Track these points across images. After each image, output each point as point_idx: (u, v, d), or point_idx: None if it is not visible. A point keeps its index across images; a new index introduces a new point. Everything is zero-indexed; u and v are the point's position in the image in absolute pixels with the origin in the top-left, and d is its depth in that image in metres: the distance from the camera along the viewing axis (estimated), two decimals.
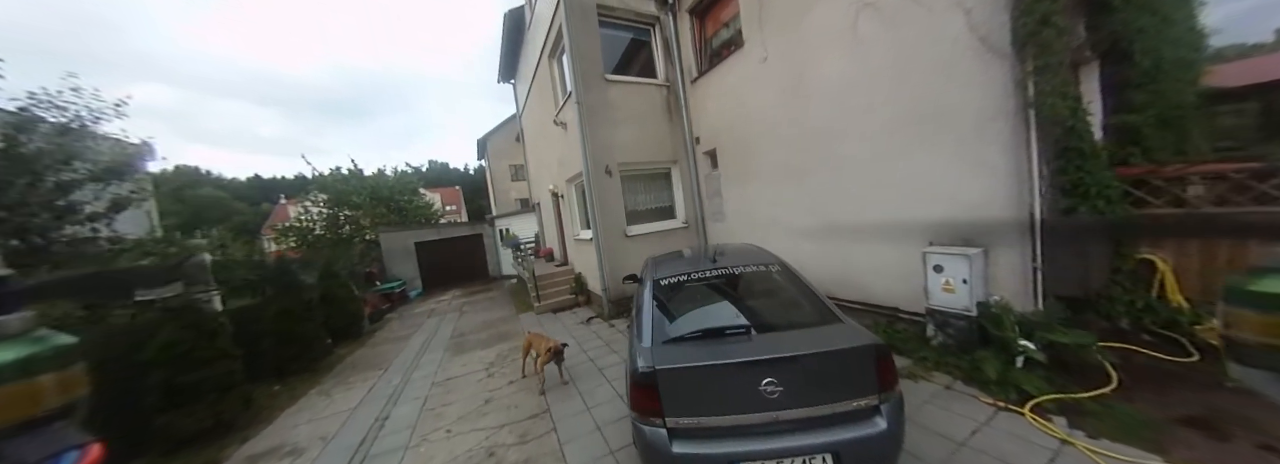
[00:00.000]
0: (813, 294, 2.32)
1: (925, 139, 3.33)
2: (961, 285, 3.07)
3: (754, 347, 1.91)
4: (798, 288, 2.45)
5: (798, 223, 4.75)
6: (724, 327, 2.09)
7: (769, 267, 2.68)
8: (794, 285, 2.48)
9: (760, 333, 2.03)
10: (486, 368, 4.84)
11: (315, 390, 5.02)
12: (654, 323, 2.26)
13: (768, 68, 4.74)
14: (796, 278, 2.52)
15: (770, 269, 2.66)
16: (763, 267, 2.68)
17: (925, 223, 3.45)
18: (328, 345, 6.40)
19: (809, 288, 2.38)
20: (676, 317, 2.37)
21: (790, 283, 2.52)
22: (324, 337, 6.19)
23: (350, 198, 15.03)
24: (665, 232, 6.40)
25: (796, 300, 2.40)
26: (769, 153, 4.96)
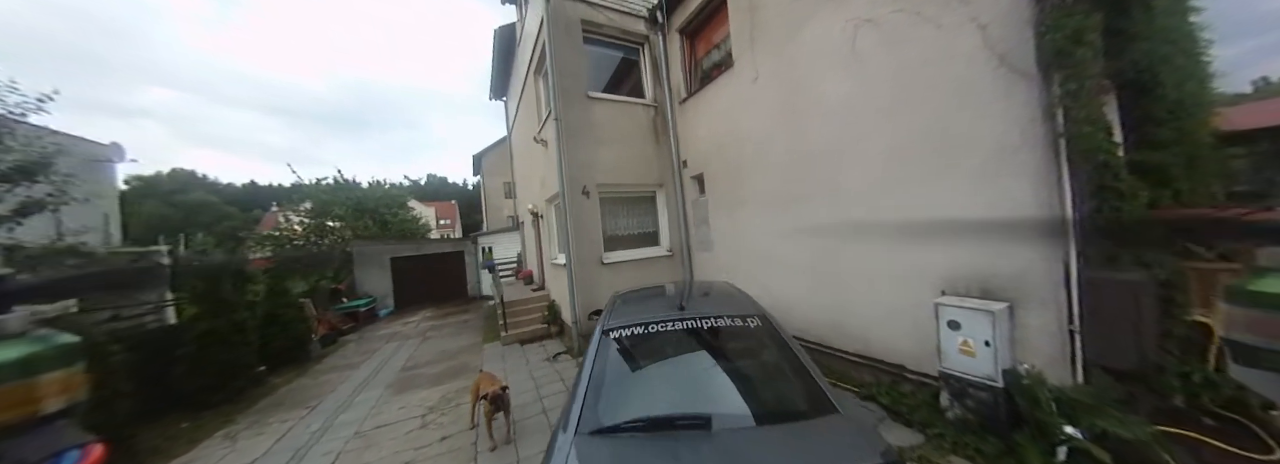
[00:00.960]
0: (799, 363, 1.77)
1: (934, 171, 2.89)
2: (983, 348, 2.52)
3: (713, 452, 1.34)
4: (781, 352, 1.90)
5: (790, 257, 4.24)
6: (676, 417, 1.52)
7: (747, 319, 2.14)
8: (776, 348, 1.93)
9: (725, 426, 1.46)
10: (424, 414, 4.15)
11: (223, 433, 4.28)
12: (589, 395, 1.70)
13: (759, 89, 4.39)
14: (779, 337, 1.98)
15: (748, 322, 2.11)
16: (740, 319, 2.14)
17: (937, 268, 2.94)
18: (259, 374, 5.67)
19: (794, 354, 1.83)
20: (622, 388, 1.81)
21: (772, 344, 1.97)
22: (254, 364, 5.47)
23: (332, 209, 14.55)
24: (646, 260, 5.86)
25: (778, 371, 1.84)
26: (760, 179, 4.53)
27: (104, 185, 9.83)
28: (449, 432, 3.67)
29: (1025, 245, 2.50)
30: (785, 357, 1.85)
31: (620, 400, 1.72)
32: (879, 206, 3.30)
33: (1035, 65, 2.34)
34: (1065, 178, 2.42)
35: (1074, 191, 2.43)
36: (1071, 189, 2.43)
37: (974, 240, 2.73)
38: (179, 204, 43.37)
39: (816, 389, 1.60)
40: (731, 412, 1.57)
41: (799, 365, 1.77)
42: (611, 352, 2.00)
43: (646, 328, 2.13)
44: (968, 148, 2.69)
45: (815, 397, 1.58)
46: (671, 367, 1.94)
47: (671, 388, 1.80)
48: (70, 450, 1.24)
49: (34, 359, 1.20)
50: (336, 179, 15.89)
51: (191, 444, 4.07)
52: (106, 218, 9.52)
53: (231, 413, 4.80)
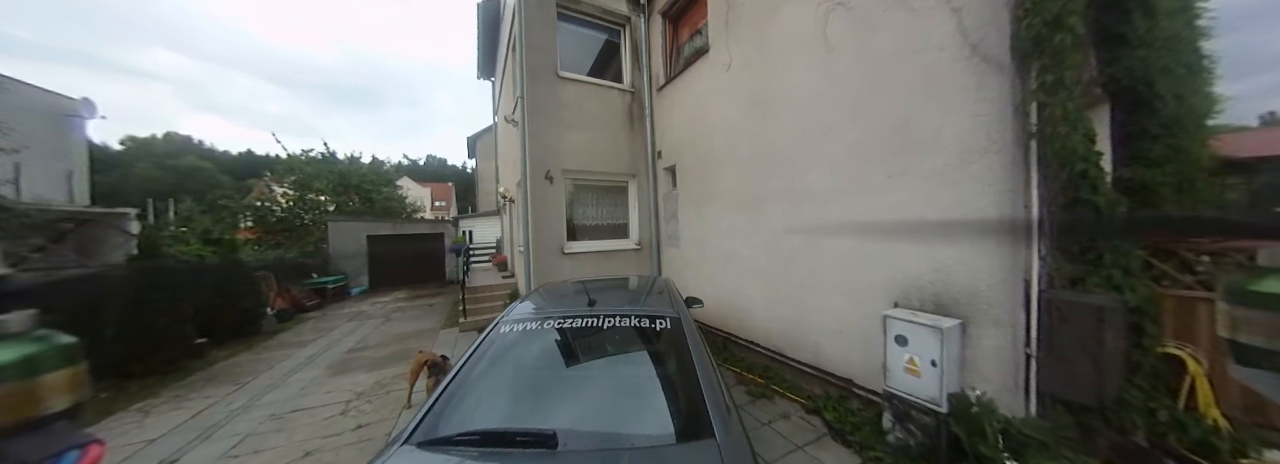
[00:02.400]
0: (695, 378, 1.52)
1: (897, 173, 2.62)
2: (929, 368, 2.28)
3: None
4: (680, 362, 1.64)
5: (752, 260, 3.98)
6: (516, 432, 1.28)
7: (657, 320, 1.88)
8: (678, 357, 1.68)
9: (573, 446, 1.22)
10: (349, 401, 3.92)
11: (139, 406, 4.05)
12: (444, 399, 1.46)
13: (732, 78, 4.09)
14: (686, 345, 1.72)
15: (657, 324, 1.86)
16: (648, 319, 1.89)
17: (892, 278, 2.69)
18: (199, 345, 5.44)
19: (694, 367, 1.57)
20: (488, 392, 1.57)
21: (675, 351, 1.72)
22: (191, 334, 5.24)
23: (314, 182, 14.22)
24: (611, 252, 5.61)
25: (668, 383, 1.59)
26: (727, 175, 4.26)
27: (69, 141, 9.51)
28: (367, 420, 3.45)
29: (984, 258, 2.25)
30: (682, 366, 1.60)
31: (476, 407, 1.47)
32: (837, 209, 3.03)
33: (1010, 54, 2.06)
34: (1033, 185, 2.16)
35: (1042, 200, 2.17)
36: (1039, 198, 2.17)
37: (930, 250, 2.47)
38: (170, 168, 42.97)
39: (699, 407, 1.36)
40: (588, 429, 1.33)
41: (693, 377, 1.52)
42: (495, 348, 1.76)
43: (542, 324, 1.89)
44: (932, 148, 2.42)
45: (695, 418, 1.33)
46: (555, 371, 1.70)
47: (541, 396, 1.55)
48: (70, 451, 1.22)
49: (35, 359, 1.18)
50: (322, 153, 15.53)
51: (101, 415, 3.85)
52: (70, 175, 9.22)
53: (158, 385, 4.58)
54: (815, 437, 2.82)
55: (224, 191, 15.86)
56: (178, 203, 24.39)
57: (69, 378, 1.27)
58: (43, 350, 1.22)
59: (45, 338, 1.27)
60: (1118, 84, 2.65)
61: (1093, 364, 2.20)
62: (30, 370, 1.18)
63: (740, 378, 3.79)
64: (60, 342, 1.29)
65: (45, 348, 1.23)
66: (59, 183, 9.02)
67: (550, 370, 1.69)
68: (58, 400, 1.23)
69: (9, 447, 1.12)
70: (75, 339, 1.32)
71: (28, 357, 1.18)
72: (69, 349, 1.29)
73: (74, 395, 1.28)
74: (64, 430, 1.24)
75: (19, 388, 1.16)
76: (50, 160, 9.04)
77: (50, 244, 6.15)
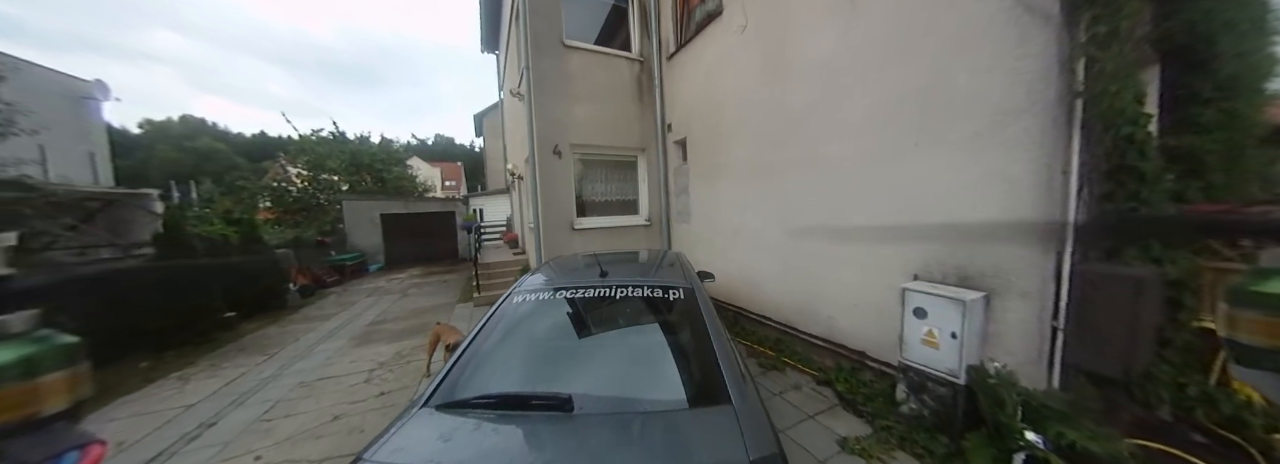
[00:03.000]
0: (710, 346, 1.49)
1: (924, 140, 2.46)
2: (949, 340, 2.23)
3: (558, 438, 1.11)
4: (694, 331, 1.62)
5: (763, 233, 3.90)
6: (531, 396, 1.28)
7: (670, 291, 1.85)
8: (692, 326, 1.65)
9: (587, 410, 1.22)
10: (372, 370, 4.08)
11: (177, 375, 4.29)
12: (460, 365, 1.47)
13: (746, 41, 3.84)
14: (700, 315, 1.69)
15: (670, 294, 1.83)
16: (661, 289, 1.85)
17: (912, 250, 2.59)
18: (228, 319, 5.68)
19: (709, 335, 1.55)
20: (504, 359, 1.58)
21: (690, 321, 1.69)
22: (220, 308, 5.46)
23: (326, 162, 14.33)
24: (623, 228, 5.57)
25: (682, 351, 1.58)
26: (740, 146, 4.09)
27: (88, 123, 9.66)
28: (389, 388, 3.60)
29: (1015, 230, 2.13)
30: (697, 335, 1.58)
31: (492, 374, 1.48)
32: (856, 179, 2.89)
33: (1058, 4, 1.85)
34: (1074, 150, 2.00)
35: (1083, 168, 2.02)
36: (1080, 164, 2.02)
37: (956, 220, 2.35)
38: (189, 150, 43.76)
39: (714, 374, 1.34)
40: (603, 394, 1.33)
41: (708, 345, 1.50)
42: (509, 318, 1.77)
43: (555, 294, 1.88)
44: (963, 111, 2.25)
45: (711, 383, 1.32)
46: (568, 340, 1.69)
47: (556, 364, 1.55)
48: (69, 451, 1.24)
49: (35, 359, 1.19)
50: (332, 132, 15.53)
51: (145, 383, 4.09)
52: (91, 156, 9.44)
53: (194, 355, 4.83)
54: (826, 406, 2.84)
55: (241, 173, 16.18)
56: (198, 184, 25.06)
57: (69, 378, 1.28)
58: (42, 351, 1.22)
59: (45, 338, 1.27)
60: (1171, 41, 2.38)
61: (1124, 338, 2.12)
62: (28, 371, 1.17)
63: (752, 351, 3.81)
64: (61, 342, 1.29)
65: (45, 348, 1.24)
66: (82, 164, 9.25)
67: (564, 339, 1.68)
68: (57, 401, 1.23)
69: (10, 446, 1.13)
70: (77, 339, 1.34)
71: (26, 357, 1.18)
72: (70, 349, 1.30)
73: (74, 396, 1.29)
74: (64, 430, 1.26)
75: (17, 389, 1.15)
76: (71, 142, 9.23)
77: (80, 223, 6.37)
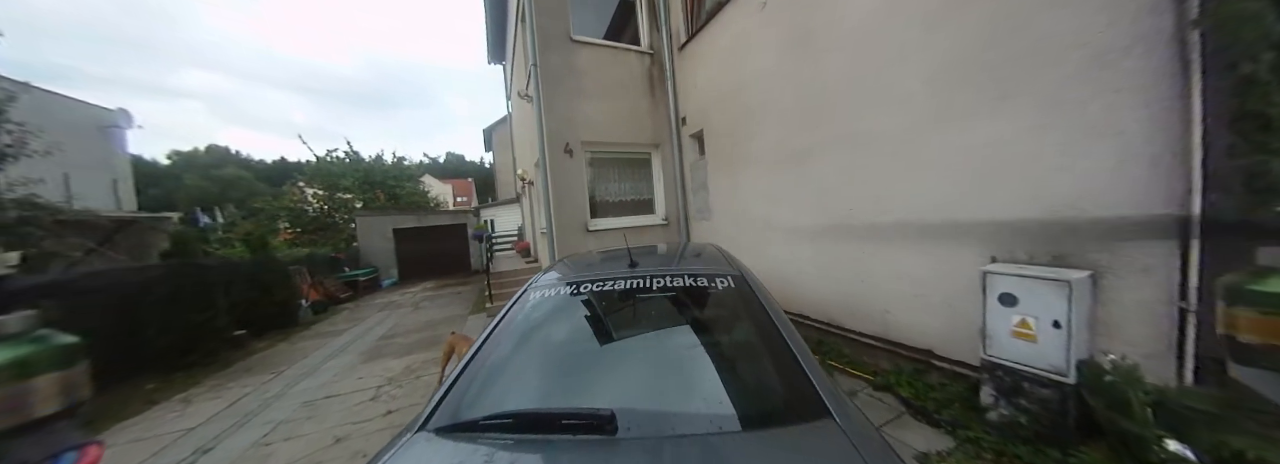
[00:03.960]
0: (784, 345, 1.16)
1: (993, 96, 2.13)
2: (1051, 331, 1.84)
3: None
4: (756, 324, 1.30)
5: (797, 222, 3.56)
6: (561, 414, 0.96)
7: (716, 279, 1.53)
8: (751, 319, 1.33)
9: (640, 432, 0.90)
10: (380, 386, 3.80)
11: (181, 396, 4.09)
12: (465, 377, 1.18)
13: (768, 19, 3.60)
14: (761, 306, 1.37)
15: (716, 284, 1.51)
16: (705, 278, 1.54)
17: (984, 225, 2.23)
18: (238, 337, 5.52)
19: (779, 331, 1.22)
20: (519, 369, 1.28)
21: (746, 312, 1.37)
22: (229, 327, 5.30)
23: (340, 181, 14.53)
24: (638, 229, 5.28)
25: (748, 351, 1.25)
26: (765, 131, 3.80)
27: (112, 151, 9.92)
28: (396, 406, 3.31)
29: (1124, 189, 1.77)
30: (760, 330, 1.25)
31: (508, 387, 1.18)
32: (911, 152, 2.56)
33: None
34: (1196, 91, 1.65)
35: (1206, 112, 1.66)
36: (1202, 109, 1.66)
37: (1044, 186, 1.99)
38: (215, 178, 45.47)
39: (801, 379, 1.01)
40: (653, 409, 1.00)
41: (779, 343, 1.17)
42: (525, 318, 1.47)
43: (578, 288, 1.58)
44: (1046, 61, 1.92)
45: (798, 391, 0.99)
46: (598, 343, 1.38)
47: (585, 373, 1.24)
48: (68, 451, 1.23)
49: (30, 360, 1.17)
50: (346, 152, 15.80)
51: (148, 405, 3.89)
52: (114, 183, 9.65)
53: (201, 375, 4.64)
54: (892, 415, 2.44)
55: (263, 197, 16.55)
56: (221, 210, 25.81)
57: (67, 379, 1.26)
58: (37, 352, 1.20)
59: (43, 338, 1.25)
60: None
61: None
62: (22, 373, 1.15)
63: None
64: (59, 342, 1.27)
65: (41, 349, 1.21)
66: (105, 190, 9.45)
67: (592, 343, 1.37)
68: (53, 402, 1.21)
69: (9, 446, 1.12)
70: (76, 339, 1.30)
71: (20, 358, 1.16)
72: (68, 350, 1.27)
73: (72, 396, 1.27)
74: (63, 431, 1.25)
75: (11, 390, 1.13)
76: (96, 170, 9.47)
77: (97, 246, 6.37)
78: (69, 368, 1.27)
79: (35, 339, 1.23)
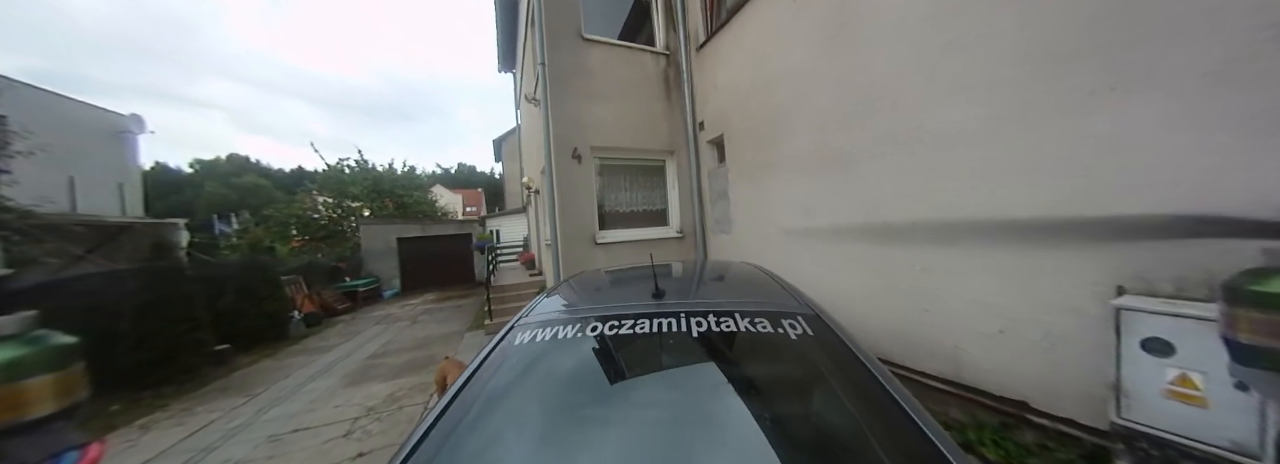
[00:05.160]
0: (907, 419, 0.72)
1: (1117, 80, 1.67)
2: (1233, 394, 1.33)
3: None
4: (862, 392, 0.84)
5: (838, 235, 3.09)
6: None
7: (783, 320, 1.07)
8: (855, 385, 0.87)
9: None
10: (356, 419, 3.35)
11: (141, 422, 3.69)
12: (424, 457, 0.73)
13: (798, 11, 3.22)
14: (859, 362, 0.91)
15: (784, 327, 1.05)
16: (767, 319, 1.08)
17: (1106, 247, 1.73)
18: (219, 352, 5.15)
19: (896, 400, 0.77)
20: (501, 447, 0.84)
21: (845, 375, 0.91)
22: (209, 342, 4.94)
23: (349, 189, 14.49)
24: (650, 241, 4.84)
25: (848, 426, 0.81)
26: (796, 134, 3.38)
27: (121, 155, 9.91)
28: (371, 446, 2.85)
29: None
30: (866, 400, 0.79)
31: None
32: (987, 153, 2.10)
33: None
34: None
35: None
36: None
37: (1200, 192, 1.51)
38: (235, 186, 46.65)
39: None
40: None
41: (899, 417, 0.71)
42: (506, 370, 1.02)
43: (581, 329, 1.13)
44: (1192, 33, 1.46)
45: None
46: (622, 410, 0.92)
47: (588, 455, 0.78)
48: (68, 451, 1.23)
49: (23, 361, 1.16)
50: (356, 161, 15.82)
51: (103, 431, 3.50)
52: (121, 188, 9.58)
53: (173, 396, 4.26)
54: None
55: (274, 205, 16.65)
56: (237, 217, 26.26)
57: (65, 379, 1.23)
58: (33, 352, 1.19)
59: (39, 339, 1.23)
60: None
61: None
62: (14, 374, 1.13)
63: None
64: (56, 342, 1.25)
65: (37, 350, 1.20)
66: (111, 195, 9.39)
67: (601, 408, 0.92)
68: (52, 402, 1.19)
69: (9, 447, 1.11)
70: (74, 340, 1.29)
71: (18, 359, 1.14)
72: (65, 350, 1.26)
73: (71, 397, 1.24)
74: (63, 431, 1.22)
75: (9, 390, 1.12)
76: (104, 174, 9.42)
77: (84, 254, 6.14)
78: (67, 368, 1.26)
79: (33, 339, 1.22)
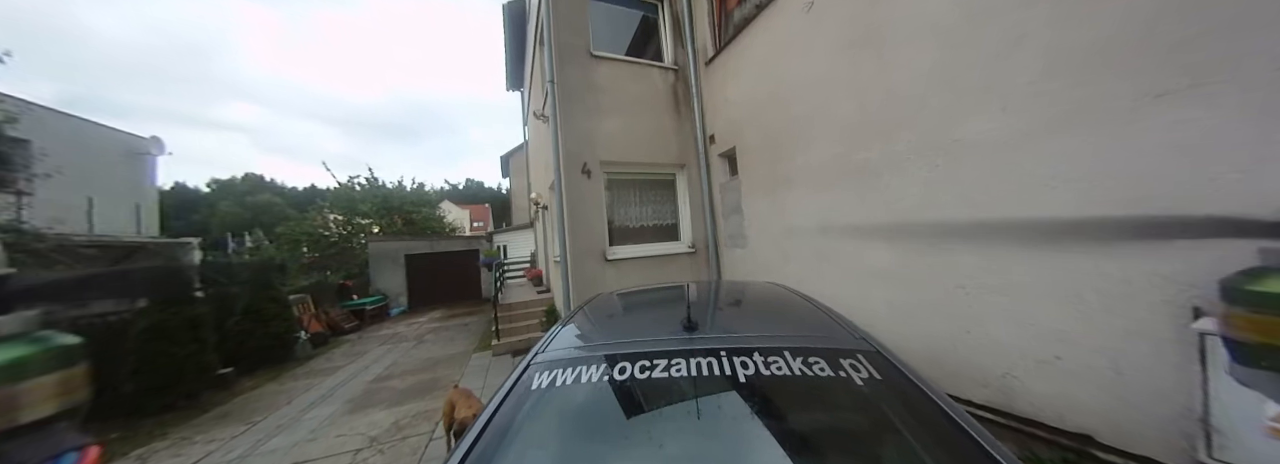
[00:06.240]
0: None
1: (1170, 85, 1.55)
2: None
3: None
4: (947, 448, 0.68)
5: (859, 254, 2.94)
6: None
7: (847, 361, 0.93)
8: (938, 438, 0.72)
9: None
10: (358, 451, 3.19)
11: (139, 452, 3.56)
12: None
13: (814, 20, 3.18)
14: (939, 413, 0.76)
15: (845, 369, 0.90)
16: (824, 360, 0.93)
17: (1177, 264, 1.57)
18: (225, 375, 5.04)
19: (993, 453, 0.61)
20: None
21: (924, 428, 0.76)
22: (214, 364, 4.84)
23: (358, 206, 14.64)
24: (663, 258, 4.71)
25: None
26: (814, 146, 3.28)
27: (139, 176, 10.14)
28: None
29: None
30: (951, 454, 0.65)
31: None
32: (1030, 164, 1.97)
33: None
34: None
35: None
36: None
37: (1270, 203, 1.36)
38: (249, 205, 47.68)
39: None
40: None
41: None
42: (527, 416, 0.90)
43: (610, 369, 1.00)
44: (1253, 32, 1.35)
45: None
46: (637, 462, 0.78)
47: None
48: (68, 452, 1.21)
49: (27, 361, 1.15)
50: (367, 178, 16.07)
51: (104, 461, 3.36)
52: (138, 208, 9.75)
53: (173, 422, 4.14)
54: None
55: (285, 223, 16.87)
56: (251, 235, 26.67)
57: (67, 380, 1.22)
58: (36, 353, 1.17)
59: (43, 339, 1.22)
60: None
61: None
62: (17, 375, 1.13)
63: None
64: (59, 343, 1.24)
65: (39, 350, 1.18)
66: (128, 215, 9.55)
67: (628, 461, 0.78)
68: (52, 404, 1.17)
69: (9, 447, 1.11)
70: (77, 340, 1.28)
71: (21, 359, 1.13)
72: (68, 350, 1.25)
73: (72, 398, 1.23)
74: (63, 432, 1.22)
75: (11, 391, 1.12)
76: (123, 195, 9.63)
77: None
78: (69, 369, 1.24)
79: (35, 340, 1.20)
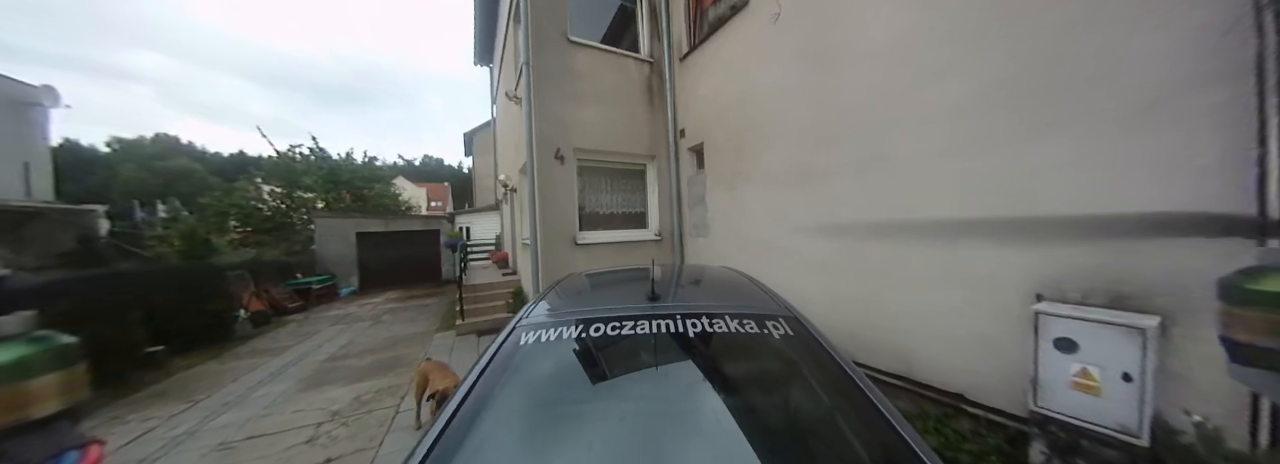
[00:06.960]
0: (877, 414, 0.87)
1: (1055, 118, 1.97)
2: (1119, 385, 1.62)
3: None
4: (839, 389, 0.98)
5: (803, 247, 3.33)
6: None
7: (770, 322, 1.22)
8: (831, 381, 1.02)
9: None
10: (320, 424, 3.21)
11: None
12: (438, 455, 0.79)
13: (780, 30, 3.45)
14: (833, 361, 1.06)
15: (769, 328, 1.19)
16: (753, 321, 1.22)
17: (1030, 262, 2.03)
18: (151, 354, 4.71)
19: (866, 395, 0.92)
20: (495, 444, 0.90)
21: (822, 373, 1.05)
22: (140, 342, 4.51)
23: (301, 179, 13.50)
24: (630, 244, 4.94)
25: (827, 425, 0.94)
26: (773, 148, 3.60)
27: (29, 131, 8.71)
28: (339, 452, 2.75)
29: (1205, 224, 1.60)
30: (843, 395, 0.94)
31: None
32: (941, 179, 2.38)
33: None
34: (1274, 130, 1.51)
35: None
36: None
37: (1099, 223, 1.82)
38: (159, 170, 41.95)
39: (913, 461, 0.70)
40: None
41: (869, 413, 0.86)
42: (514, 370, 1.09)
43: (584, 329, 1.21)
44: (1103, 86, 1.77)
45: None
46: (624, 404, 1.02)
47: (599, 450, 0.87)
48: (69, 451, 1.23)
49: (29, 361, 1.16)
50: (311, 149, 14.77)
51: None
52: (27, 167, 8.42)
53: (96, 402, 3.85)
54: None
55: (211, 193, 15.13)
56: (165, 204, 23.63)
57: (66, 379, 1.24)
58: (36, 352, 1.18)
59: (42, 339, 1.23)
60: None
61: None
62: (21, 374, 1.14)
63: None
64: (58, 343, 1.26)
65: (40, 350, 1.20)
66: (15, 176, 8.23)
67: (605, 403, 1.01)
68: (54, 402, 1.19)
69: (11, 446, 1.11)
70: (75, 339, 1.29)
71: (21, 359, 1.14)
72: (67, 350, 1.27)
73: (72, 397, 1.25)
74: (64, 431, 1.24)
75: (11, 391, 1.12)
76: (7, 151, 8.25)
77: None
78: (68, 368, 1.25)
79: (35, 339, 1.21)
